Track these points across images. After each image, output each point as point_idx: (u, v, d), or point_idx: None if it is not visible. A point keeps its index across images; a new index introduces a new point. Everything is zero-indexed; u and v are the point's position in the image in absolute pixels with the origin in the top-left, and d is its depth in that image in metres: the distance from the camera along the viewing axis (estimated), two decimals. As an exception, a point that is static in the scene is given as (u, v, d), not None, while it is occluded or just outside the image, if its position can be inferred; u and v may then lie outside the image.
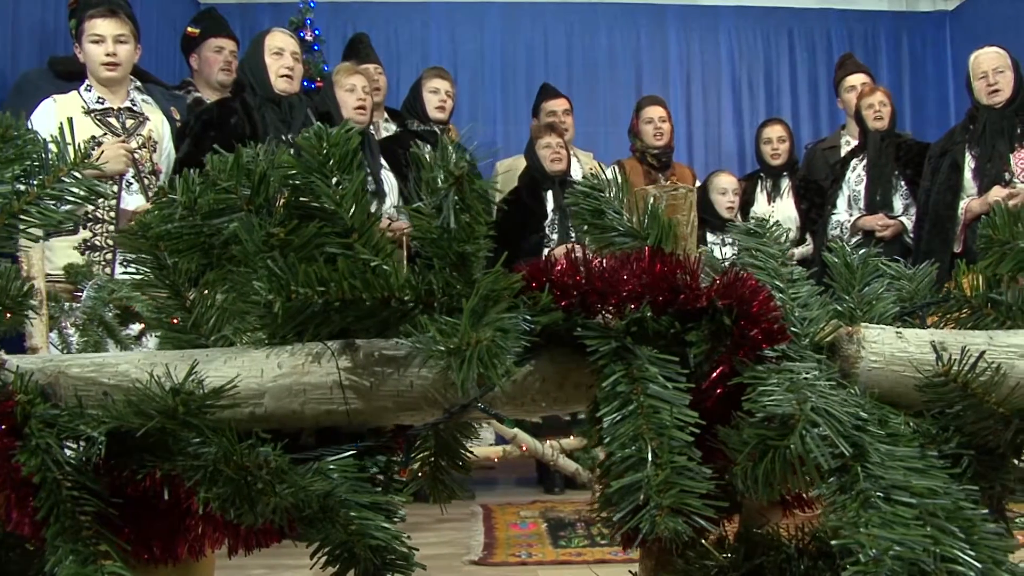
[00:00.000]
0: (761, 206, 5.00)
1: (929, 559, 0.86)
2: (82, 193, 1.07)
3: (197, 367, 0.95)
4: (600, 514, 0.90)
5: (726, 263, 1.24)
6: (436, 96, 4.61)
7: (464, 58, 6.28)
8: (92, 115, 3.66)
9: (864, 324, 1.11)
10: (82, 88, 3.68)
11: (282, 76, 3.88)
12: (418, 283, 0.97)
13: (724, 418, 0.95)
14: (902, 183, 4.47)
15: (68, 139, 1.07)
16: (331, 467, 0.99)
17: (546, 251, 4.60)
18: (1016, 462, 1.18)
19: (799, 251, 4.80)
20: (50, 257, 3.19)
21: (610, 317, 0.98)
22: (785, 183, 4.96)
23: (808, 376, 0.94)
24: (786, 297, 1.07)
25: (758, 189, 5.03)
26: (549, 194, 4.81)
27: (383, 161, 4.49)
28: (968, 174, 4.10)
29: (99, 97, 3.68)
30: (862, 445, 0.94)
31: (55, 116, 3.59)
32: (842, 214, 4.61)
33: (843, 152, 4.90)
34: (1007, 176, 3.99)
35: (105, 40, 3.62)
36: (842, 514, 0.89)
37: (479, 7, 6.29)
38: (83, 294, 3.10)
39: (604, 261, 1.02)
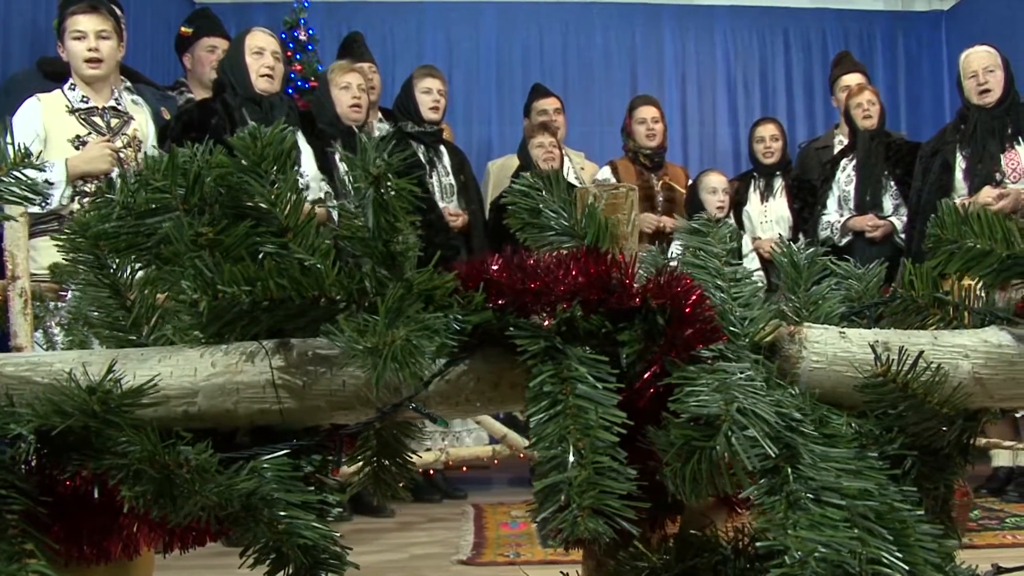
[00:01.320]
0: (754, 206, 4.98)
1: (855, 561, 0.86)
2: (22, 193, 1.07)
3: (120, 366, 0.95)
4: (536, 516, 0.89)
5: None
6: (429, 96, 4.60)
7: (459, 57, 6.27)
8: (76, 114, 3.65)
9: (807, 324, 1.10)
10: (66, 87, 3.67)
11: (262, 76, 3.87)
12: (349, 282, 0.97)
13: (658, 418, 0.94)
14: (892, 183, 4.45)
15: (9, 139, 1.07)
16: (265, 466, 0.99)
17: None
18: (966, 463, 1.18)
19: (791, 251, 4.78)
20: (35, 257, 3.19)
21: (543, 317, 0.97)
22: (778, 182, 4.93)
23: (741, 376, 0.94)
24: (727, 296, 1.07)
25: (751, 188, 5.01)
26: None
27: (376, 160, 4.49)
28: (959, 174, 4.08)
29: (83, 96, 3.67)
30: (794, 446, 0.94)
31: (39, 115, 3.59)
32: (832, 214, 4.60)
33: (836, 151, 4.88)
34: (998, 176, 3.97)
35: (87, 36, 3.60)
36: (771, 516, 0.88)
37: (474, 7, 6.29)
38: (68, 293, 3.11)
39: (542, 261, 1.01)
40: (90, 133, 3.67)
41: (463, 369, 1.00)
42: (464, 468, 4.11)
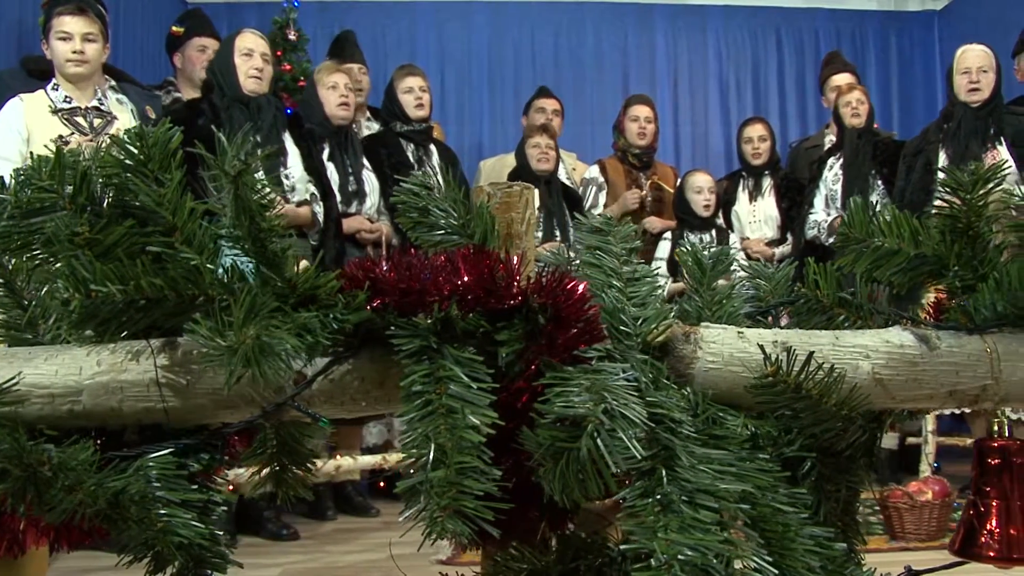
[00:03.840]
0: (742, 205, 4.97)
1: (721, 565, 0.85)
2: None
3: (6, 364, 0.95)
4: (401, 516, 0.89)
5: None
6: (411, 95, 4.60)
7: (451, 57, 6.26)
8: (59, 114, 3.67)
9: (705, 324, 1.09)
10: (49, 87, 3.69)
11: (251, 77, 3.87)
12: (230, 281, 0.96)
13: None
14: (879, 182, 4.43)
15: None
16: (150, 464, 0.99)
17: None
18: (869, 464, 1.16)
19: (779, 251, 4.76)
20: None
21: (424, 316, 0.96)
22: (767, 182, 4.92)
23: (616, 377, 0.93)
24: (622, 296, 1.06)
25: (739, 188, 4.99)
26: (535, 193, 4.78)
27: (365, 161, 4.49)
28: (941, 174, 4.05)
29: (66, 96, 3.69)
30: (671, 448, 0.93)
31: (22, 115, 3.61)
32: (819, 213, 4.57)
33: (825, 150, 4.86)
34: (981, 176, 3.93)
35: (73, 38, 3.62)
36: (641, 518, 0.88)
37: (466, 6, 6.28)
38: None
39: (432, 260, 1.01)
40: (72, 133, 3.68)
41: (347, 368, 1.00)
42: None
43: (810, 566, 0.93)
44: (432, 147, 4.73)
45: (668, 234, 4.80)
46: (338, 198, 4.18)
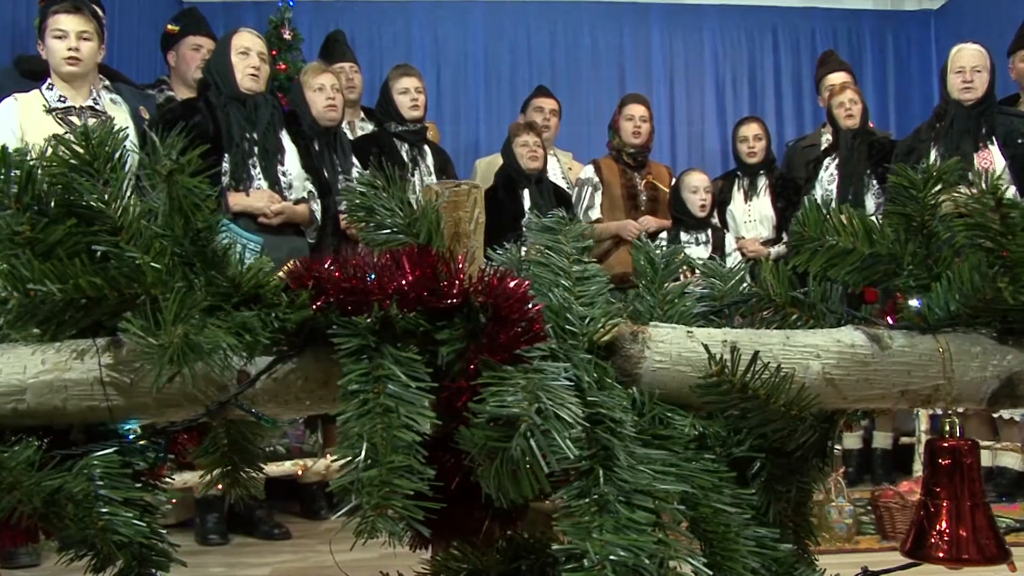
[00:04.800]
0: (738, 205, 4.95)
1: (654, 565, 0.84)
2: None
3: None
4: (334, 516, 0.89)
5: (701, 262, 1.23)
6: (407, 96, 4.59)
7: (447, 57, 6.26)
8: (53, 113, 3.67)
9: (654, 323, 1.09)
10: (44, 87, 3.70)
11: (248, 75, 3.87)
12: (172, 281, 0.96)
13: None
14: (874, 182, 4.41)
15: None
16: (95, 463, 0.99)
17: (524, 250, 4.56)
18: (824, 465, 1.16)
19: (774, 250, 4.74)
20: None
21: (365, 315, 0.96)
22: (762, 181, 4.90)
23: (561, 376, 0.93)
24: (569, 295, 1.05)
25: (735, 188, 4.97)
26: (526, 192, 4.78)
27: (355, 160, 4.49)
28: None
29: (61, 96, 3.70)
30: (610, 448, 0.92)
31: (16, 114, 3.62)
32: (813, 214, 4.56)
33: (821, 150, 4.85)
34: (970, 176, 3.92)
35: (68, 36, 3.63)
36: (575, 518, 0.87)
37: (462, 6, 6.27)
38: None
39: (377, 259, 1.01)
40: (67, 133, 3.67)
41: (291, 367, 1.00)
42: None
43: (751, 567, 0.93)
44: (426, 147, 4.73)
45: (664, 234, 4.80)
46: (334, 197, 4.19)
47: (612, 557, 0.83)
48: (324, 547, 3.77)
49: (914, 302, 1.11)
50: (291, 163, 3.98)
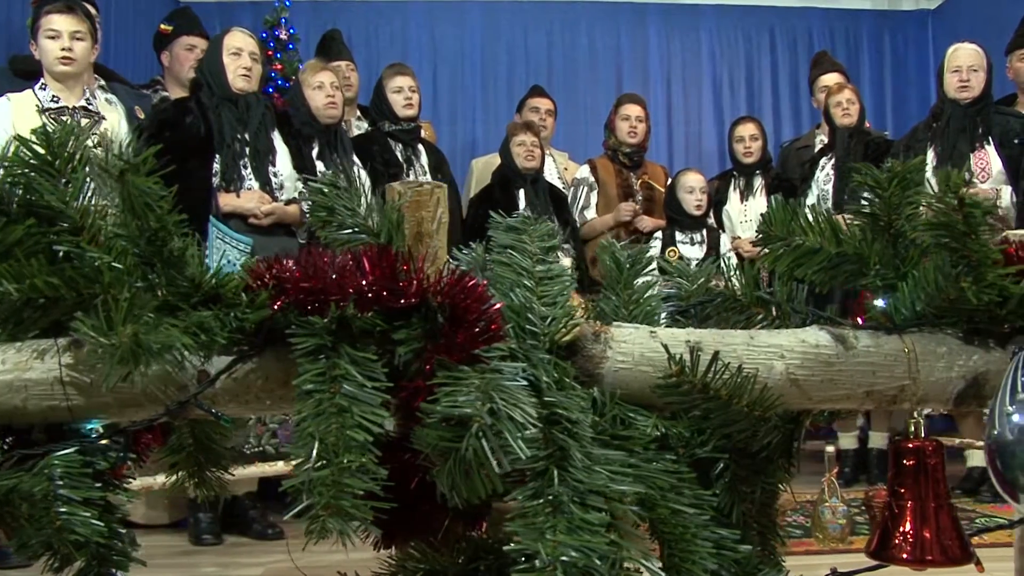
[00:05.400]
0: (734, 205, 4.94)
1: (606, 566, 0.84)
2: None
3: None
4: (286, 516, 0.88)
5: (692, 264, 1.23)
6: (400, 95, 4.59)
7: (444, 56, 6.26)
8: (46, 113, 3.67)
9: (616, 323, 1.08)
10: (37, 86, 3.70)
11: (240, 75, 3.87)
12: (131, 281, 0.96)
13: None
14: (869, 182, 4.40)
15: None
16: (55, 463, 0.99)
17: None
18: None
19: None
20: None
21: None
22: (758, 182, 4.89)
23: (518, 376, 0.92)
24: (531, 295, 1.05)
25: (731, 188, 4.97)
26: (521, 192, 4.78)
27: (355, 158, 4.48)
28: (929, 172, 4.03)
29: (54, 96, 3.70)
30: (566, 448, 0.92)
31: (8, 114, 3.62)
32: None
33: (816, 150, 4.83)
34: (967, 176, 3.92)
35: (61, 36, 3.63)
36: (529, 519, 0.87)
37: (459, 6, 6.27)
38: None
39: (338, 259, 1.01)
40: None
41: (251, 367, 1.00)
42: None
43: (709, 568, 0.93)
44: (420, 147, 4.73)
45: (659, 234, 4.79)
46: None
47: (564, 558, 0.83)
48: (317, 547, 3.77)
49: (879, 302, 1.10)
50: (282, 164, 3.98)
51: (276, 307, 0.96)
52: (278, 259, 1.01)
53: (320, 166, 4.32)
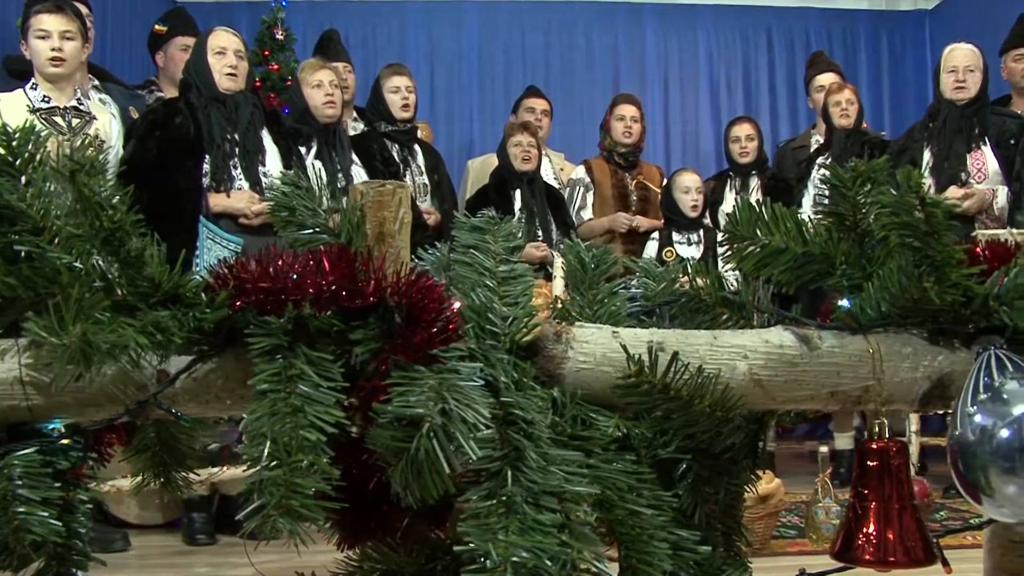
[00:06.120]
0: (729, 205, 4.93)
1: (556, 567, 0.84)
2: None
3: None
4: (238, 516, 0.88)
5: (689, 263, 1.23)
6: (398, 95, 4.58)
7: (441, 57, 6.25)
8: (37, 113, 3.67)
9: (579, 324, 1.08)
10: (28, 86, 3.70)
11: (226, 75, 3.86)
12: (89, 280, 0.96)
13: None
14: (865, 182, 4.39)
15: None
16: (15, 463, 0.99)
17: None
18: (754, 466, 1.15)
19: (765, 251, 4.72)
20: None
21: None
22: (754, 182, 4.88)
23: (475, 376, 0.92)
24: (492, 295, 1.05)
25: (727, 188, 4.96)
26: (517, 193, 4.78)
27: (354, 157, 4.48)
28: (925, 172, 4.03)
29: (45, 96, 3.70)
30: (522, 449, 0.92)
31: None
32: (806, 213, 4.53)
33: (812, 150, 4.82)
34: (963, 176, 3.92)
35: (51, 36, 3.62)
36: (480, 519, 0.87)
37: (456, 6, 6.27)
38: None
39: (298, 259, 1.00)
40: (50, 133, 3.69)
41: (211, 367, 1.00)
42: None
43: (666, 569, 0.93)
44: (416, 147, 4.73)
45: (656, 234, 4.79)
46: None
47: (514, 559, 0.83)
48: (313, 547, 3.76)
49: (843, 302, 1.10)
50: (272, 163, 3.97)
51: (236, 307, 0.96)
52: (239, 259, 1.01)
53: (319, 165, 4.32)
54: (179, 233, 3.71)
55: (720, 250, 1.19)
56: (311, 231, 1.03)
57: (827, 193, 3.78)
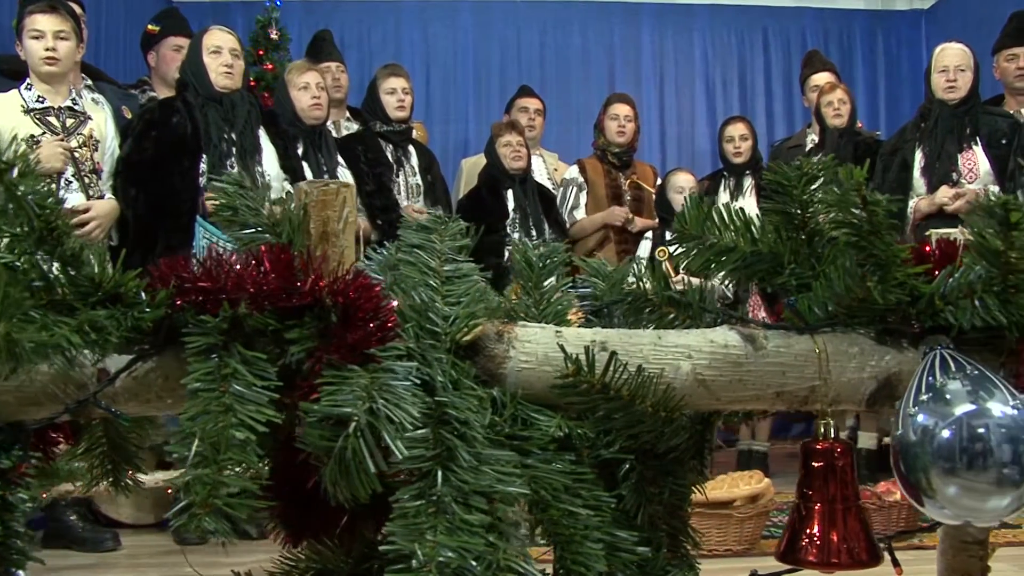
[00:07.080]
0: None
1: (482, 567, 0.84)
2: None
3: None
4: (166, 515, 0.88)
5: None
6: (394, 96, 4.59)
7: (437, 56, 6.26)
8: (31, 114, 3.69)
9: (522, 323, 1.08)
10: (22, 87, 3.72)
11: (222, 74, 3.87)
12: (27, 280, 0.96)
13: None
14: (858, 182, 4.38)
15: None
16: (-44, 462, 0.99)
17: (507, 251, 4.55)
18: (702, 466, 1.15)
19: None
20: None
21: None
22: (748, 182, 4.88)
23: (410, 376, 0.92)
24: (434, 294, 1.05)
25: (721, 188, 4.95)
26: (510, 193, 4.77)
27: (340, 159, 4.49)
28: (917, 172, 4.02)
29: (39, 96, 3.72)
30: (453, 449, 0.92)
31: (-6, 114, 3.64)
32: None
33: (807, 150, 4.82)
34: (955, 176, 3.91)
35: (45, 36, 3.64)
36: (409, 519, 0.87)
37: (451, 5, 6.27)
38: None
39: (238, 259, 1.01)
40: (44, 133, 3.70)
41: (151, 366, 1.00)
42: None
43: (601, 570, 0.92)
44: (411, 148, 4.73)
45: (649, 233, 4.78)
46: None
47: (440, 559, 0.83)
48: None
49: (791, 301, 1.10)
50: (269, 163, 3.98)
51: (176, 306, 0.96)
52: (181, 259, 1.01)
53: (305, 167, 4.33)
54: (176, 233, 3.74)
55: (670, 248, 1.18)
56: (253, 230, 1.03)
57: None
